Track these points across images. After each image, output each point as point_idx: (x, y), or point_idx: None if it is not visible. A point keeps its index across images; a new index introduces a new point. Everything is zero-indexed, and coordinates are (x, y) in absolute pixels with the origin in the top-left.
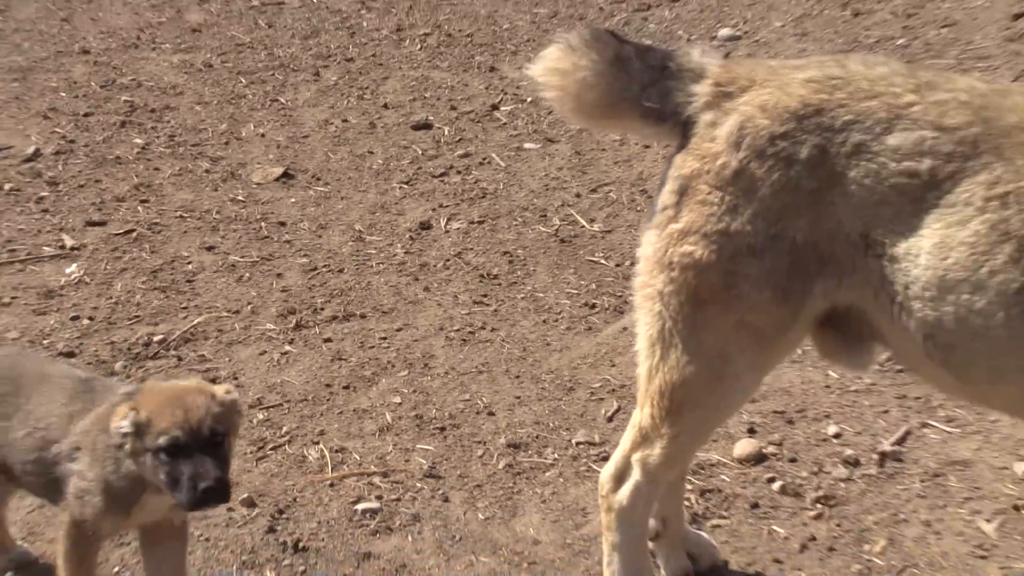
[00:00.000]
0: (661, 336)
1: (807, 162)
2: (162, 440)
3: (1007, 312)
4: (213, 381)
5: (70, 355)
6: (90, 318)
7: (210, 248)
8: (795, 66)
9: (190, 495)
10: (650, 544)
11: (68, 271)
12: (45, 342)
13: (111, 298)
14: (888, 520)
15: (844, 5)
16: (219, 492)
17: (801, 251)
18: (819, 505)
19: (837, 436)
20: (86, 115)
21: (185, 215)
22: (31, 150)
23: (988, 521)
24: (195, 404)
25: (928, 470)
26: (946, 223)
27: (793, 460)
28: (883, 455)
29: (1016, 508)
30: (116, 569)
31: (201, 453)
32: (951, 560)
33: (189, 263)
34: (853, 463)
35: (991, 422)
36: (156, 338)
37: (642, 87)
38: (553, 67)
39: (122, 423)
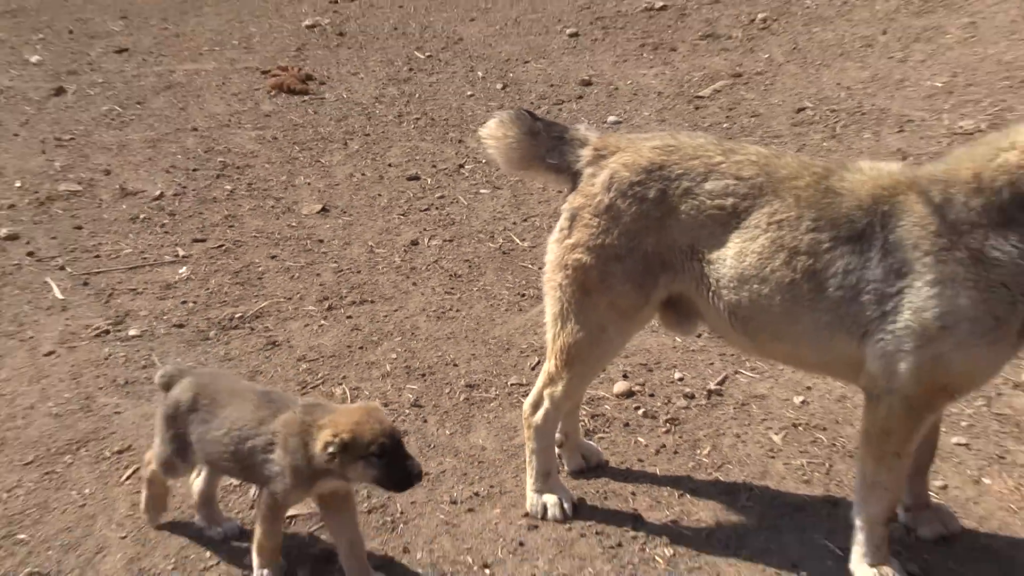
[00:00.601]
0: (561, 314)
1: (653, 200)
2: (373, 448)
3: (782, 296)
4: (272, 344)
5: (180, 327)
6: (193, 302)
7: (273, 257)
8: (645, 138)
9: (403, 484)
10: (556, 449)
11: (180, 271)
12: (164, 318)
13: (208, 289)
14: (712, 434)
15: (689, 102)
16: (420, 476)
17: (650, 258)
18: (668, 424)
19: (680, 379)
20: (194, 170)
21: (257, 235)
22: (158, 192)
23: (776, 434)
24: (383, 417)
25: (738, 401)
26: (743, 239)
27: (651, 395)
28: (710, 392)
29: (795, 426)
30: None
31: (399, 451)
32: (752, 459)
33: (259, 267)
34: (690, 397)
35: (779, 370)
36: (236, 315)
37: (547, 150)
38: (490, 133)
39: (330, 447)
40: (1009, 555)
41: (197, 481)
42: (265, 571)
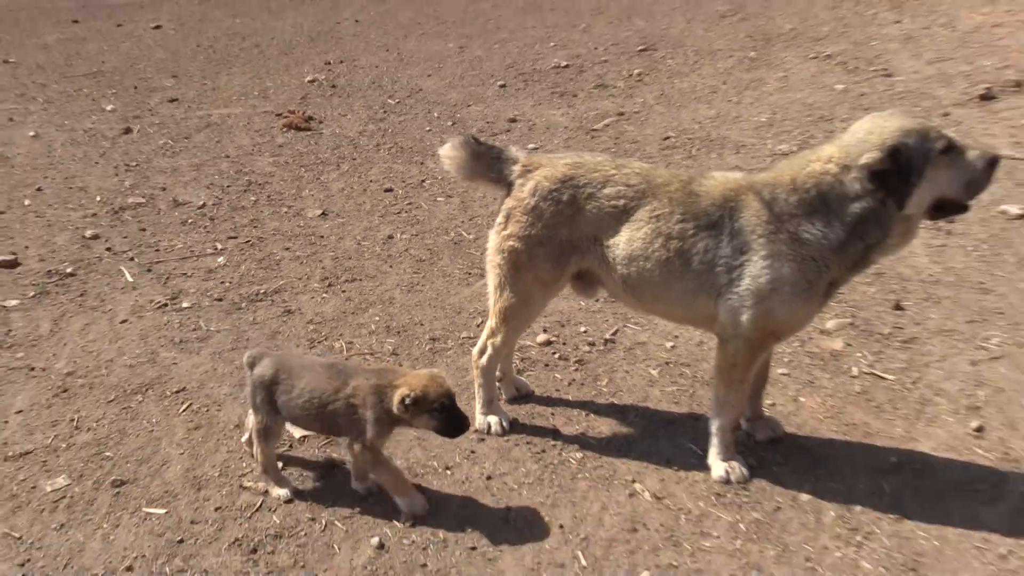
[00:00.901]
0: (499, 285)
1: (566, 202)
2: (436, 404)
3: (660, 270)
4: (287, 312)
5: (220, 300)
6: (229, 282)
7: (287, 249)
8: (559, 157)
9: (457, 432)
10: (497, 383)
11: (219, 260)
12: (208, 294)
13: (239, 272)
14: (608, 370)
15: (587, 133)
16: (468, 427)
17: (564, 244)
18: (576, 364)
19: (585, 332)
20: (227, 186)
21: (275, 233)
22: (201, 203)
23: (654, 370)
24: (444, 381)
25: (626, 346)
26: (631, 229)
27: (564, 344)
28: (606, 340)
29: (667, 363)
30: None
31: (454, 408)
32: (637, 388)
33: (276, 256)
34: (592, 344)
35: (655, 323)
36: (261, 291)
37: (488, 166)
38: (446, 153)
39: (405, 400)
40: (818, 451)
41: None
42: (407, 500)
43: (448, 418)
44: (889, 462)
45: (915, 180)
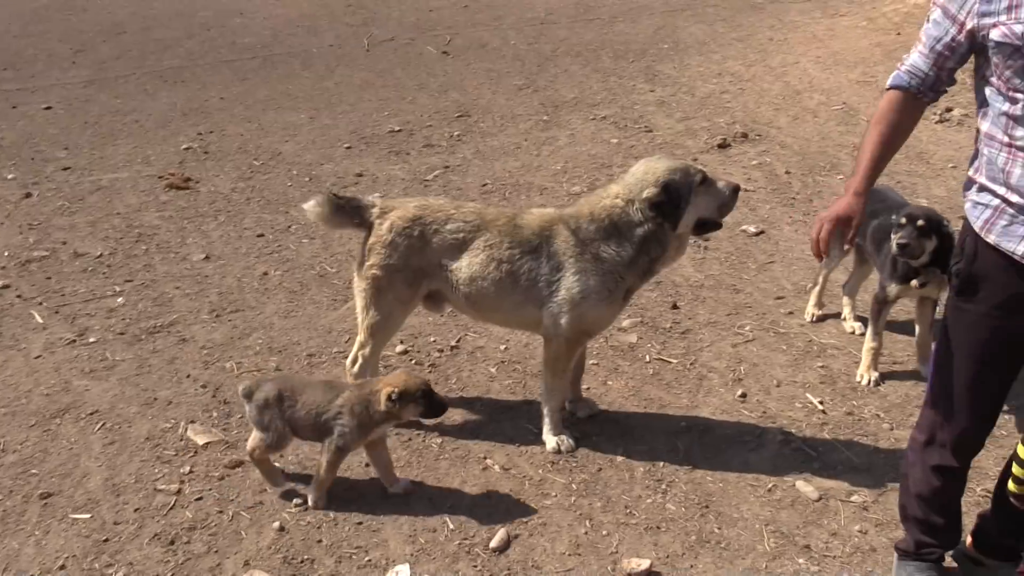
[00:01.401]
0: (366, 306)
1: (417, 237)
2: (419, 393)
3: (495, 288)
4: (183, 340)
5: (122, 334)
6: (129, 318)
7: (176, 288)
8: (409, 200)
9: (440, 412)
10: None
11: (118, 300)
12: (111, 330)
13: (137, 310)
14: (456, 371)
15: (421, 183)
16: (446, 407)
17: (417, 271)
18: (429, 367)
19: (434, 340)
20: (120, 238)
21: (165, 276)
22: (98, 253)
23: (493, 368)
24: (417, 375)
25: (469, 351)
26: (470, 256)
27: (419, 351)
28: (452, 347)
29: (503, 362)
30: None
31: (433, 394)
32: (481, 383)
33: (169, 295)
34: (441, 350)
35: (491, 331)
36: (158, 324)
37: (350, 214)
38: (311, 209)
39: (392, 396)
40: (625, 422)
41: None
42: (320, 499)
43: (430, 403)
44: (680, 426)
45: (684, 206)
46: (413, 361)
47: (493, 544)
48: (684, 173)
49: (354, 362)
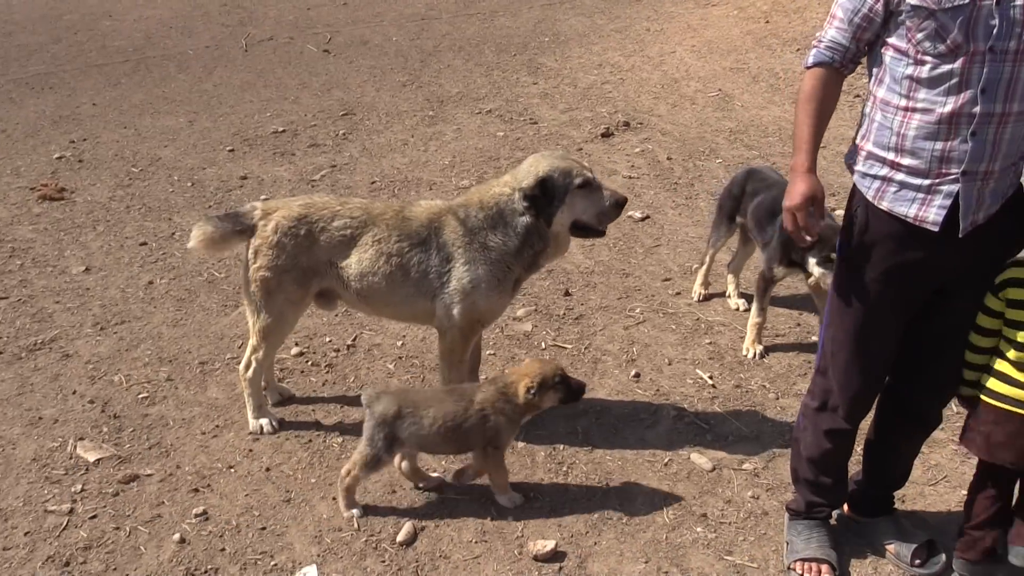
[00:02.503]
0: (256, 309)
1: (303, 236)
2: (555, 379)
3: (386, 282)
4: (66, 356)
5: (1, 352)
6: (7, 337)
7: (57, 302)
8: (293, 200)
9: (579, 395)
10: (264, 392)
11: None
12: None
13: (15, 327)
14: (353, 369)
15: (308, 183)
16: (585, 387)
17: (306, 270)
18: (326, 368)
19: (330, 340)
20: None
21: (44, 290)
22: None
23: (391, 363)
24: (548, 360)
25: (366, 348)
26: (360, 252)
27: (314, 352)
28: (348, 346)
29: (400, 358)
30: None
31: (567, 378)
32: (378, 380)
33: (49, 310)
34: (337, 350)
35: (387, 327)
36: (39, 341)
37: (232, 224)
38: (196, 237)
39: (531, 389)
40: None
41: (403, 465)
42: (508, 496)
43: (568, 387)
44: (578, 409)
45: (556, 204)
46: (309, 363)
47: (400, 538)
48: (564, 173)
49: (247, 367)
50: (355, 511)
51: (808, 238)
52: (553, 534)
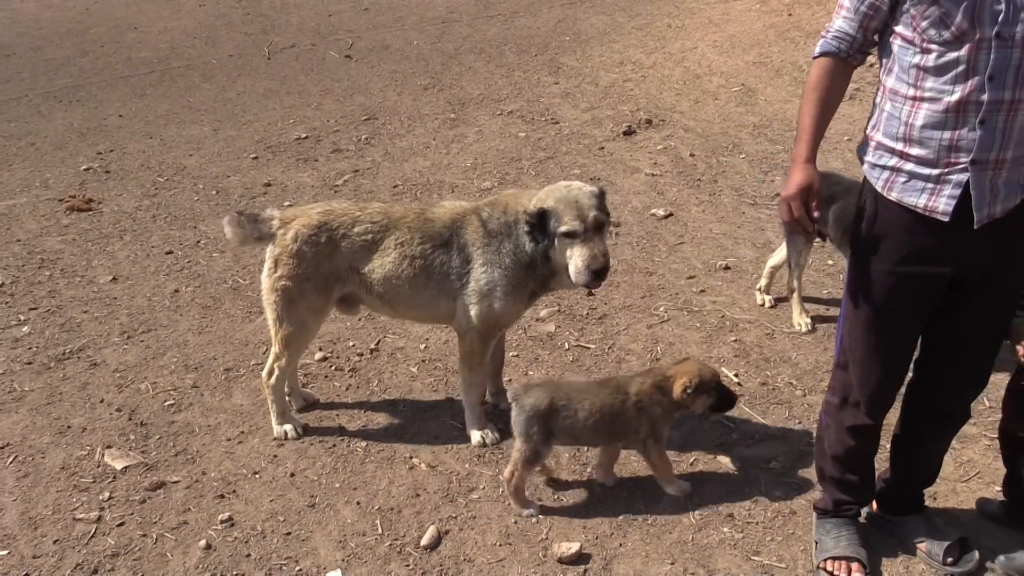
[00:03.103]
0: (278, 318)
1: (324, 243)
2: (712, 385)
3: (409, 284)
4: (94, 365)
5: (30, 363)
6: (36, 347)
7: (85, 312)
8: (312, 207)
9: (730, 405)
10: (288, 397)
11: (23, 330)
12: (18, 360)
13: (44, 338)
14: (377, 373)
15: (331, 189)
16: (735, 402)
17: (327, 277)
18: (350, 372)
19: (353, 345)
20: (22, 265)
21: (72, 300)
22: (0, 282)
23: (414, 367)
24: (709, 365)
25: (389, 352)
26: (383, 255)
27: (338, 357)
28: (372, 350)
29: (423, 361)
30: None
31: (724, 386)
32: (403, 384)
33: (77, 320)
34: (360, 354)
35: (410, 330)
36: (67, 351)
37: (252, 229)
38: (225, 226)
39: (687, 389)
40: None
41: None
42: (675, 485)
43: (721, 394)
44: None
45: (548, 242)
46: (333, 367)
47: (424, 542)
48: (555, 217)
49: (270, 374)
50: (531, 509)
51: (810, 228)
52: (578, 536)
